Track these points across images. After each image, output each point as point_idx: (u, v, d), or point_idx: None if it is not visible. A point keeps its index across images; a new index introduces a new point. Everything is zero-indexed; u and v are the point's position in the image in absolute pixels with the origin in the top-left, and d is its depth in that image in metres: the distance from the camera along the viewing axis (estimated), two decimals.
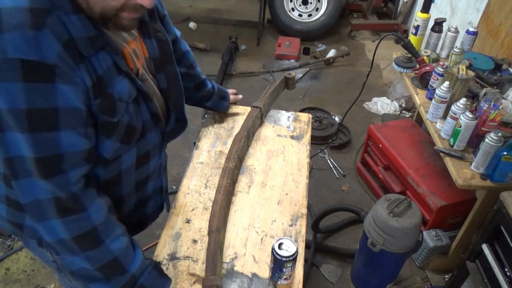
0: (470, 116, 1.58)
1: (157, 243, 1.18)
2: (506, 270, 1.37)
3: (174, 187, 2.42)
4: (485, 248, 1.47)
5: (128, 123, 0.91)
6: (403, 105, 3.30)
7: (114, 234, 0.92)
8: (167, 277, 1.04)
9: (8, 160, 0.77)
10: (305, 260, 2.09)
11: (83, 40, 0.77)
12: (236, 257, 1.12)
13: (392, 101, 3.37)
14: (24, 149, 0.75)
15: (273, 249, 1.00)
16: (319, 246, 2.22)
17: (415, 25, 2.22)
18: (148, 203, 1.19)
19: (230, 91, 1.63)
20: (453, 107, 1.67)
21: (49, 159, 0.78)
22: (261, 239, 1.17)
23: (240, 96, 1.68)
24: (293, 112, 1.69)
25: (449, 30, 2.18)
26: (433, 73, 1.90)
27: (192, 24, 4.46)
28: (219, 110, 1.60)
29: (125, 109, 0.89)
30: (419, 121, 2.55)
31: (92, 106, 0.82)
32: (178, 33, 1.29)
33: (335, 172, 2.74)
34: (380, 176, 2.45)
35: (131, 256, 0.96)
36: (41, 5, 0.72)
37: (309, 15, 4.26)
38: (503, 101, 1.67)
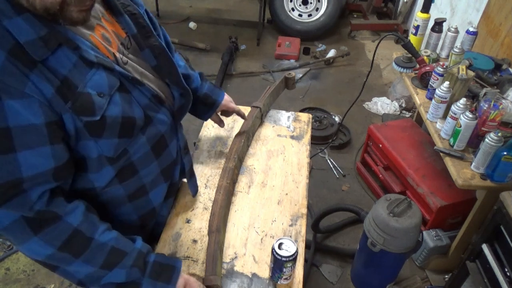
0: (470, 116, 1.58)
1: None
2: (506, 270, 1.37)
3: None
4: (485, 248, 1.47)
5: (123, 115, 0.84)
6: (403, 105, 3.30)
7: (100, 229, 0.87)
8: (177, 258, 1.01)
9: None
10: (305, 260, 2.09)
11: (33, 43, 0.70)
12: (236, 257, 1.12)
13: (392, 101, 3.37)
14: None
15: (273, 249, 1.00)
16: (319, 246, 2.22)
17: (415, 25, 2.22)
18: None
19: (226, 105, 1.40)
20: (453, 107, 1.67)
21: (7, 185, 0.72)
22: (261, 239, 1.17)
23: (222, 126, 1.48)
24: (293, 112, 1.69)
25: (449, 30, 2.18)
26: (433, 73, 1.90)
27: (192, 24, 4.46)
28: (201, 118, 1.40)
29: (108, 102, 0.81)
30: (419, 121, 2.55)
31: (64, 111, 0.76)
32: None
33: (335, 172, 2.74)
34: (380, 176, 2.45)
35: (129, 241, 0.92)
36: None
37: (309, 15, 4.26)
38: (503, 101, 1.67)
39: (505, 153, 1.48)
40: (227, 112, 1.45)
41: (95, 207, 0.92)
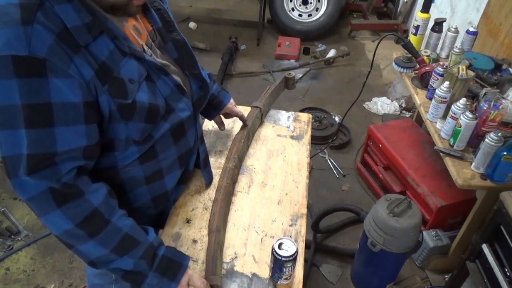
0: (470, 116, 1.58)
1: None
2: (506, 270, 1.37)
3: None
4: (485, 248, 1.47)
5: (149, 102, 0.90)
6: (403, 105, 3.30)
7: (118, 214, 0.90)
8: (185, 254, 1.03)
9: (2, 159, 0.77)
10: (305, 260, 2.09)
11: (79, 29, 0.76)
12: (236, 257, 1.12)
13: (392, 101, 3.37)
14: (18, 146, 0.75)
15: (273, 249, 1.00)
16: (319, 246, 2.22)
17: (415, 25, 2.22)
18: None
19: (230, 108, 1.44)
20: (453, 107, 1.67)
21: (41, 157, 0.77)
22: (261, 239, 1.17)
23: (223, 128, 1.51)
24: (293, 112, 1.69)
25: (449, 30, 2.18)
26: (433, 73, 1.90)
27: (192, 24, 4.46)
28: (205, 117, 1.46)
29: (137, 89, 0.87)
30: (419, 121, 2.55)
31: (101, 93, 0.81)
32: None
33: (335, 172, 2.74)
34: (380, 176, 2.45)
35: (142, 232, 0.94)
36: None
37: (309, 15, 4.26)
38: (503, 101, 1.67)
39: (505, 153, 1.48)
40: (229, 115, 1.48)
41: (113, 185, 0.96)
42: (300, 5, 4.24)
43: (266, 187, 1.34)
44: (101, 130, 0.87)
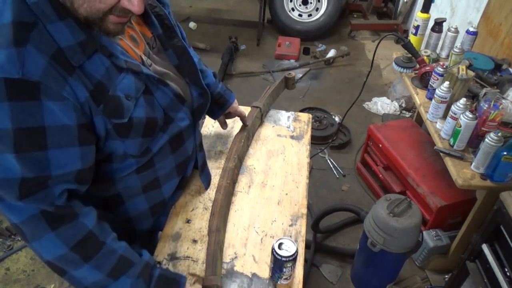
0: (470, 116, 1.58)
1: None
2: (506, 270, 1.37)
3: None
4: (485, 248, 1.47)
5: (147, 117, 0.88)
6: (403, 105, 3.30)
7: (111, 236, 0.89)
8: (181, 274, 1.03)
9: None
10: (305, 260, 2.09)
11: (72, 48, 0.74)
12: (236, 257, 1.12)
13: (392, 101, 3.37)
14: (7, 170, 0.72)
15: (273, 249, 1.00)
16: (319, 246, 2.22)
17: (415, 25, 2.22)
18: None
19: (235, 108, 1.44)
20: (453, 107, 1.67)
21: (35, 180, 0.74)
22: (261, 239, 1.17)
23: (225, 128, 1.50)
24: (293, 112, 1.69)
25: (449, 30, 2.18)
26: (433, 73, 1.90)
27: (192, 24, 4.46)
28: (210, 117, 1.45)
29: (135, 105, 0.85)
30: (419, 121, 2.55)
31: (96, 114, 0.79)
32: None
33: (335, 172, 2.74)
34: (380, 176, 2.45)
35: (137, 253, 0.94)
36: (25, 19, 0.69)
37: (309, 15, 4.26)
38: (503, 101, 1.67)
39: (505, 153, 1.48)
40: (230, 114, 1.47)
41: (109, 195, 0.95)
42: (300, 5, 4.23)
43: (266, 187, 1.34)
44: (97, 148, 0.86)
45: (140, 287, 0.91)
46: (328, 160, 2.83)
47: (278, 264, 0.99)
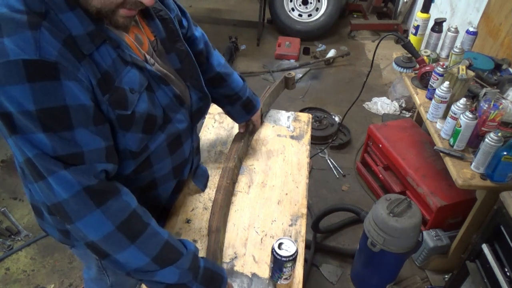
0: (470, 116, 1.58)
1: None
2: (506, 270, 1.37)
3: None
4: (485, 248, 1.47)
5: (148, 112, 0.89)
6: (403, 105, 3.30)
7: (153, 220, 0.88)
8: (222, 267, 1.02)
9: (28, 162, 0.75)
10: (305, 260, 2.09)
11: (82, 37, 0.76)
12: (236, 257, 1.12)
13: (392, 101, 3.37)
14: (43, 147, 0.73)
15: (273, 249, 1.00)
16: (319, 246, 2.22)
17: (415, 25, 2.22)
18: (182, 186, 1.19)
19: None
20: (453, 107, 1.67)
21: (70, 156, 0.75)
22: (261, 239, 1.17)
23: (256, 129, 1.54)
24: (293, 112, 1.69)
25: (449, 30, 2.18)
26: (433, 73, 1.90)
27: None
28: (235, 121, 1.45)
29: (138, 99, 0.86)
30: (419, 121, 2.55)
31: (102, 103, 0.81)
32: (186, 13, 1.19)
33: (335, 172, 2.74)
34: (380, 176, 2.45)
35: (179, 241, 0.92)
36: (36, 9, 0.71)
37: (309, 15, 4.26)
38: (503, 101, 1.67)
39: (505, 153, 1.48)
40: (250, 120, 1.48)
41: None
42: (300, 5, 4.23)
43: (266, 187, 1.34)
44: None
45: (187, 279, 0.90)
46: (328, 160, 2.83)
47: (278, 264, 0.99)
